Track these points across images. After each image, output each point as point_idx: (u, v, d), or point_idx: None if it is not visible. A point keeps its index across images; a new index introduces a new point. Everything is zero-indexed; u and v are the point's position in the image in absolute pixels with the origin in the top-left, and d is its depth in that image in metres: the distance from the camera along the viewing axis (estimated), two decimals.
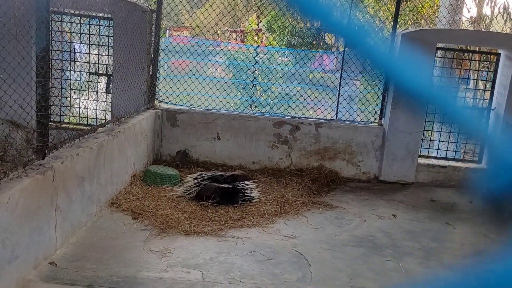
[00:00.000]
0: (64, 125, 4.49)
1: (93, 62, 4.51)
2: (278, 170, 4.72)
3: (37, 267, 2.54)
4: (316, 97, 4.97)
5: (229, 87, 5.06)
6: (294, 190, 4.23)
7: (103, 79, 4.55)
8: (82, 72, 4.59)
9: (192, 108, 4.86)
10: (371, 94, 4.94)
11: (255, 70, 5.11)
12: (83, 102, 4.65)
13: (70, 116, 4.70)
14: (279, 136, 4.76)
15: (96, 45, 4.46)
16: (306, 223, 3.61)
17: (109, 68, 4.48)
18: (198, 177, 4.12)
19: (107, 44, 4.43)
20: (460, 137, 4.85)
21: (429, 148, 4.95)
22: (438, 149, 4.94)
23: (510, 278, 0.51)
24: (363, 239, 3.39)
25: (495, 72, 4.76)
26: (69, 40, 4.44)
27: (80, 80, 4.60)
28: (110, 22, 4.38)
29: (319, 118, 4.89)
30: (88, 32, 4.41)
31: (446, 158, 4.89)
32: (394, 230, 3.61)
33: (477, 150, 4.95)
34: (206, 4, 4.90)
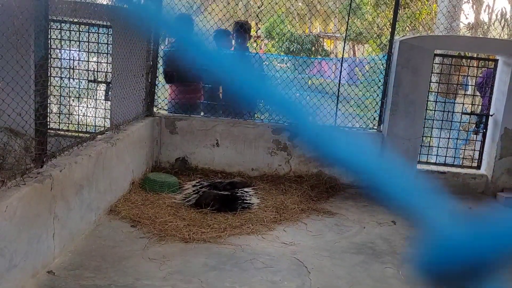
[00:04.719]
0: (62, 132, 4.49)
1: (92, 69, 4.52)
2: (277, 176, 4.72)
3: (35, 276, 2.53)
4: (315, 104, 4.98)
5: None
6: (293, 197, 4.22)
7: (102, 87, 4.56)
8: (81, 80, 4.60)
9: (191, 115, 4.86)
10: (369, 100, 4.95)
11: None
12: (81, 110, 4.66)
13: (69, 123, 4.70)
14: (278, 143, 4.76)
15: (95, 52, 4.47)
16: (306, 230, 3.60)
17: (108, 76, 4.49)
18: (197, 184, 4.12)
19: (106, 51, 4.44)
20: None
21: (428, 154, 4.95)
22: (437, 155, 4.94)
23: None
24: (362, 246, 3.39)
25: (493, 78, 4.78)
26: (68, 48, 4.45)
27: (79, 88, 4.61)
28: (109, 30, 4.40)
29: (318, 124, 4.88)
30: (87, 40, 4.42)
31: (445, 164, 4.90)
32: (394, 237, 3.60)
33: (477, 156, 4.96)
34: (205, 11, 4.92)
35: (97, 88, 4.63)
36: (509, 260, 0.50)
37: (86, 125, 4.71)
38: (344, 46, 5.14)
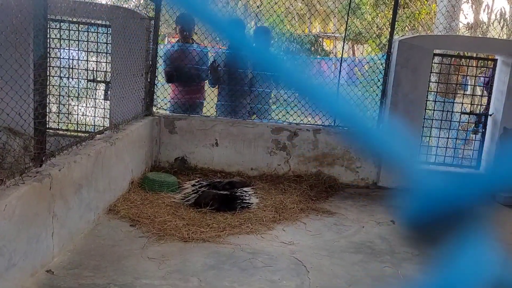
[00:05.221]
0: (62, 132, 4.49)
1: (91, 69, 4.52)
2: (276, 176, 4.72)
3: (34, 275, 2.53)
4: (314, 103, 4.97)
5: (227, 93, 5.07)
6: (292, 196, 4.22)
7: (101, 86, 4.56)
8: (80, 79, 4.60)
9: (191, 115, 4.86)
10: (369, 100, 4.95)
11: (253, 76, 5.12)
12: (81, 109, 4.65)
13: (68, 123, 4.70)
14: (277, 143, 4.76)
15: (94, 52, 4.47)
16: (305, 230, 3.60)
17: (107, 75, 4.49)
18: (197, 184, 4.12)
19: (105, 51, 4.44)
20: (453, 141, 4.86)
21: (427, 154, 4.95)
22: (436, 155, 4.94)
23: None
24: (361, 245, 3.39)
25: (492, 77, 4.78)
26: (67, 47, 4.45)
27: (78, 87, 4.61)
28: (108, 29, 4.40)
29: (317, 124, 4.89)
30: (86, 39, 4.42)
31: (444, 164, 4.90)
32: (393, 236, 3.60)
33: (475, 156, 4.96)
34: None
35: (96, 88, 4.63)
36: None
37: (85, 124, 4.70)
38: (343, 46, 5.14)
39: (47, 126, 2.95)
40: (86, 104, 4.62)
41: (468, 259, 0.51)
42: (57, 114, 4.61)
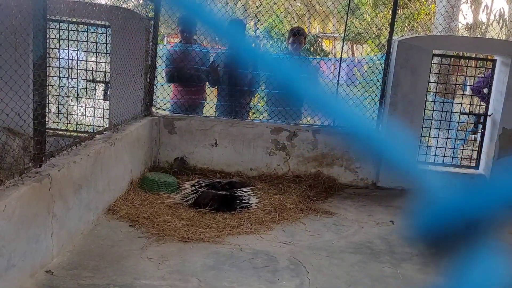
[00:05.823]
0: (61, 132, 4.48)
1: (91, 69, 4.52)
2: (276, 176, 4.72)
3: (33, 276, 2.53)
4: (312, 105, 4.96)
5: (226, 93, 5.07)
6: (292, 196, 4.22)
7: (101, 86, 4.56)
8: (80, 80, 4.60)
9: (190, 115, 4.86)
10: (368, 100, 4.95)
11: (252, 77, 5.11)
12: (80, 110, 4.65)
13: (67, 123, 4.70)
14: (276, 143, 4.76)
15: (93, 52, 4.47)
16: (304, 230, 3.61)
17: (106, 75, 4.49)
18: (196, 184, 4.12)
19: (105, 51, 4.44)
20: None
21: (426, 154, 4.95)
22: (435, 155, 4.95)
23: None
24: (361, 246, 3.39)
25: (491, 78, 4.78)
26: (66, 48, 4.45)
27: (77, 87, 4.61)
28: (107, 29, 4.40)
29: (316, 125, 4.89)
30: (86, 40, 4.42)
31: (443, 164, 4.90)
32: (392, 236, 3.60)
33: (475, 156, 4.97)
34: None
35: (96, 88, 4.63)
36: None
37: (85, 124, 4.70)
38: (342, 46, 5.14)
39: (47, 127, 2.95)
40: (86, 105, 4.61)
41: (469, 263, 0.51)
42: (57, 114, 4.61)
